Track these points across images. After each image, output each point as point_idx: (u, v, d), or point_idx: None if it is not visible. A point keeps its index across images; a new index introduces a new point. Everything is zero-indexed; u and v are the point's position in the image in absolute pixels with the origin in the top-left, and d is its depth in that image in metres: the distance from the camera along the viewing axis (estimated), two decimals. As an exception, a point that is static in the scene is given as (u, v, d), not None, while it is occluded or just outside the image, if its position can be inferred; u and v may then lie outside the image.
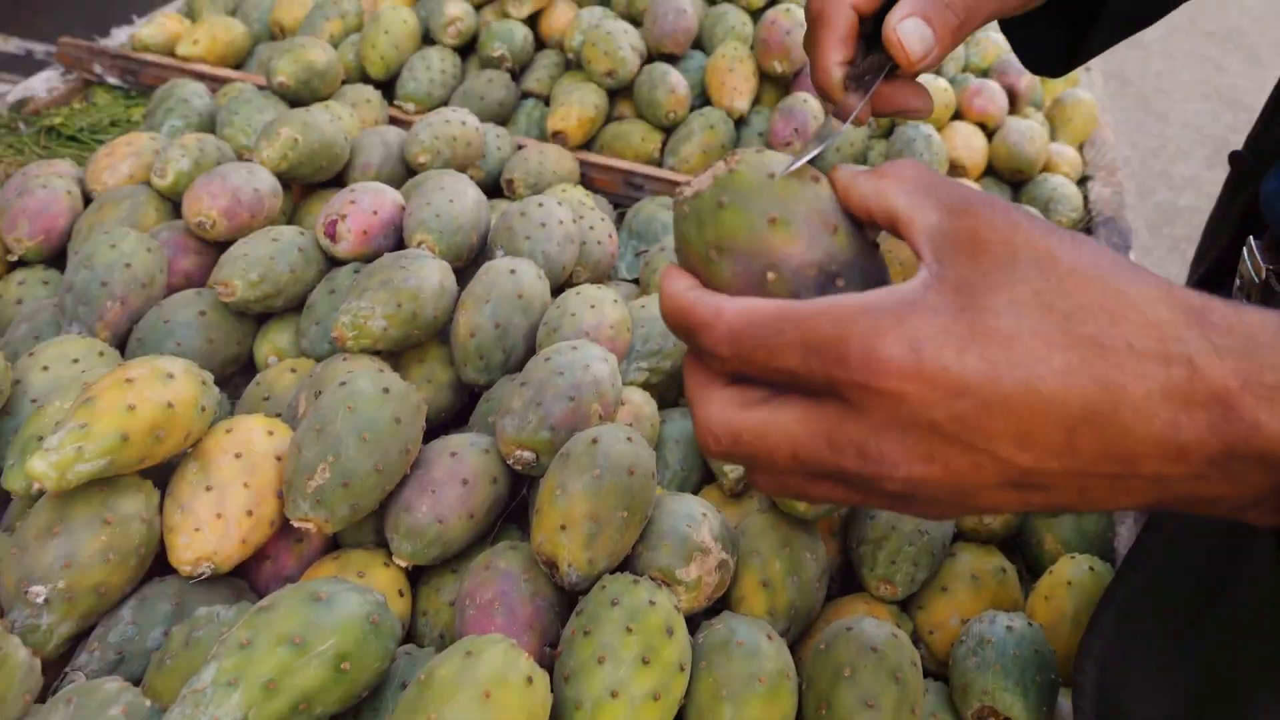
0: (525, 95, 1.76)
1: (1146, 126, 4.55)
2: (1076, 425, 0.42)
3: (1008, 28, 0.81)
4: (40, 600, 0.78)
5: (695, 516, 0.87)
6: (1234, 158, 0.90)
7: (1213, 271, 0.91)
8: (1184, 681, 0.68)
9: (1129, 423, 0.41)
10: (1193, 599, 0.67)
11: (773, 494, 0.57)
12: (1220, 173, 4.08)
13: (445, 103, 1.69)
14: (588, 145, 1.67)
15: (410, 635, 0.90)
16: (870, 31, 0.66)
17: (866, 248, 0.54)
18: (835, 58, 0.64)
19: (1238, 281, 0.79)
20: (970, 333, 0.43)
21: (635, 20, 1.81)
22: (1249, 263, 0.77)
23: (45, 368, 0.96)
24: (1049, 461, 0.43)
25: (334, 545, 0.94)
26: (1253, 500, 0.43)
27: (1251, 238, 0.78)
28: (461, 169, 1.41)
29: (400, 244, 1.19)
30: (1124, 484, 0.44)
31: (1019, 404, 0.42)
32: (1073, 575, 0.94)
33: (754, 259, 0.52)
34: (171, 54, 1.75)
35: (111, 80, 1.72)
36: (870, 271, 0.54)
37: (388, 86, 1.72)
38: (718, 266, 0.53)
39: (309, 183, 1.36)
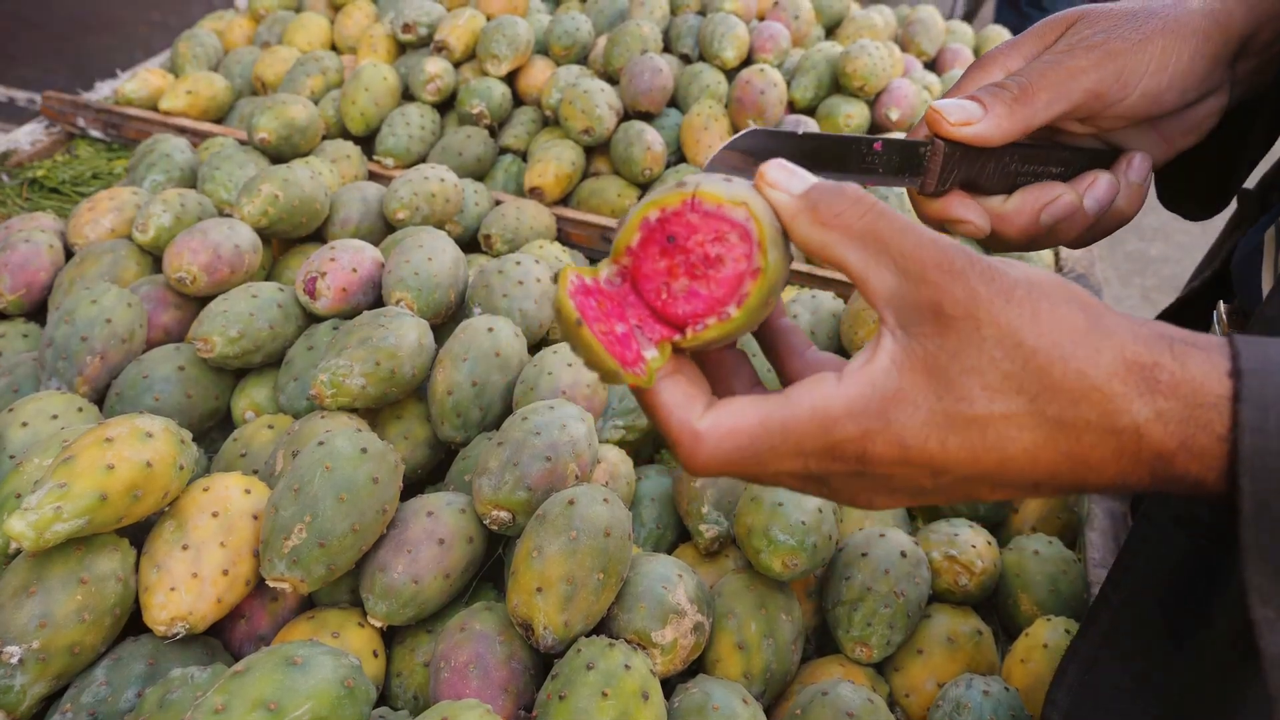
0: (503, 151, 1.79)
1: (1117, 180, 4.61)
2: (1042, 481, 0.50)
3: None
4: (15, 660, 0.78)
5: (671, 578, 0.87)
6: (1240, 194, 0.90)
7: (1195, 293, 0.93)
8: None
9: (1085, 476, 0.50)
10: (1154, 648, 0.68)
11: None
12: (1189, 223, 4.10)
13: (424, 158, 1.71)
14: (564, 201, 1.69)
15: (384, 696, 0.90)
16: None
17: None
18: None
19: None
20: (949, 421, 0.49)
21: (612, 79, 1.84)
22: (1217, 327, 0.80)
23: (24, 424, 0.96)
24: (1017, 492, 0.52)
25: (309, 604, 0.94)
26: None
27: (1221, 302, 0.80)
28: (440, 224, 1.43)
29: (379, 301, 1.20)
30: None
31: (994, 473, 0.50)
32: (1049, 638, 0.94)
33: None
34: (154, 108, 1.77)
35: (94, 133, 1.73)
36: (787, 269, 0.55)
37: (367, 142, 1.74)
38: None
39: (289, 238, 1.37)
